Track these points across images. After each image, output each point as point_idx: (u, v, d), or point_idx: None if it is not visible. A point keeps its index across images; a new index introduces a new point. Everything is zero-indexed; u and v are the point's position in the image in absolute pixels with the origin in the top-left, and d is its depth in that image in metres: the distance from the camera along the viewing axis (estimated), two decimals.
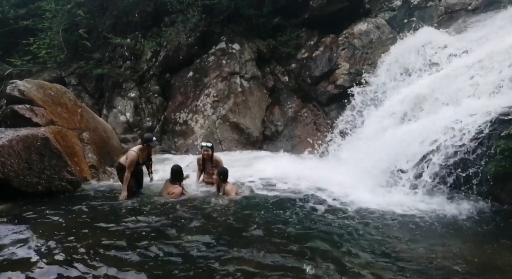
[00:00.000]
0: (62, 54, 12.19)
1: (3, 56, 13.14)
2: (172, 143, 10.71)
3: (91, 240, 4.16)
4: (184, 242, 4.13)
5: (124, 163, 5.98)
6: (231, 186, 6.04)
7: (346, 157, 7.67)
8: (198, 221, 4.84)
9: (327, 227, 4.69)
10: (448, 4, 10.00)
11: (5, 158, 5.40)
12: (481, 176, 5.51)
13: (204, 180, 6.63)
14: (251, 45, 11.42)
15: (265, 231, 4.48)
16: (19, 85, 6.71)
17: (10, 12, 13.36)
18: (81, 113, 7.59)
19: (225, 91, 10.64)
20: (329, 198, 5.84)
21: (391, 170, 6.24)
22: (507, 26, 7.76)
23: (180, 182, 6.02)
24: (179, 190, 5.90)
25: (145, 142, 6.11)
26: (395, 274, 3.49)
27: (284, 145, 10.17)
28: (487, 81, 6.39)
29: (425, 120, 6.65)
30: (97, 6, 12.92)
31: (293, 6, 11.44)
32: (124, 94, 11.58)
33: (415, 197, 5.73)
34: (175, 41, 11.37)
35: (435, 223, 4.83)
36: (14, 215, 4.93)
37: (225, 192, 5.94)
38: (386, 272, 3.53)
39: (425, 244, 4.22)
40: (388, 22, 10.73)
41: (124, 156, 6.13)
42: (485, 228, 4.71)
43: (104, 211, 5.24)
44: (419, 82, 7.68)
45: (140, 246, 4.01)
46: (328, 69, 10.61)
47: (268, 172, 7.43)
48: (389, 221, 4.96)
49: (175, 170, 6.02)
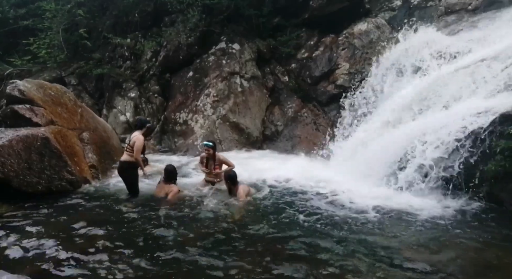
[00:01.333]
0: (62, 54, 12.17)
1: (3, 56, 13.13)
2: (172, 143, 10.70)
3: (91, 240, 4.16)
4: (184, 244, 4.13)
5: (130, 159, 5.82)
6: (242, 188, 5.88)
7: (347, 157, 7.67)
8: (197, 222, 4.84)
9: (328, 227, 4.69)
10: (448, 4, 10.00)
11: (5, 158, 5.40)
12: (481, 176, 5.51)
13: (205, 179, 6.61)
14: (251, 45, 11.41)
15: (264, 232, 4.47)
16: (19, 85, 6.71)
17: (10, 12, 13.34)
18: (81, 113, 7.59)
19: (225, 91, 10.63)
20: (332, 199, 5.84)
21: (391, 170, 6.24)
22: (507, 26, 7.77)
23: (175, 182, 5.99)
24: (176, 189, 5.88)
25: (143, 126, 5.97)
26: (395, 274, 3.49)
27: (284, 145, 10.17)
28: (488, 81, 6.39)
29: (424, 119, 6.65)
30: (97, 6, 12.90)
31: (293, 6, 11.43)
32: (124, 94, 11.57)
33: (416, 197, 5.73)
34: (175, 41, 11.36)
35: (435, 223, 4.83)
36: (14, 215, 4.93)
37: (236, 195, 5.84)
38: (386, 272, 3.53)
39: (424, 244, 4.22)
40: (388, 22, 10.72)
41: (125, 155, 5.98)
42: (485, 228, 4.70)
43: (104, 211, 5.24)
44: (419, 81, 7.68)
45: (140, 247, 4.01)
46: (328, 69, 10.60)
47: (273, 172, 7.41)
48: (389, 221, 4.96)
49: (169, 170, 5.99)
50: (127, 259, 3.72)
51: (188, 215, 5.10)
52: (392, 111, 7.51)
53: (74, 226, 4.56)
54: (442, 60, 7.91)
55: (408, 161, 6.08)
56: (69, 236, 4.23)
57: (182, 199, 5.80)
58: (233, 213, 5.18)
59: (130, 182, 5.98)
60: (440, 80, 7.17)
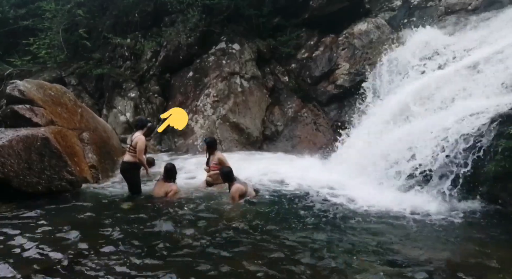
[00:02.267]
0: (62, 54, 12.17)
1: (3, 56, 13.13)
2: (172, 143, 10.70)
3: (90, 240, 4.15)
4: (184, 244, 4.13)
5: (132, 160, 5.81)
6: (236, 187, 5.63)
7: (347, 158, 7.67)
8: (196, 223, 4.83)
9: (329, 227, 4.69)
10: (448, 4, 9.99)
11: (5, 158, 5.40)
12: (481, 176, 5.51)
13: (206, 180, 6.58)
14: (251, 45, 11.41)
15: (265, 232, 4.47)
16: (19, 85, 6.71)
17: (10, 12, 13.34)
18: (81, 113, 7.59)
19: (225, 91, 10.63)
20: (333, 199, 5.84)
21: (392, 170, 6.24)
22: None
23: (174, 180, 5.97)
24: (176, 187, 5.88)
25: (144, 126, 5.95)
26: (395, 274, 3.49)
27: (284, 145, 10.17)
28: (488, 81, 6.39)
29: (425, 120, 6.65)
30: (97, 6, 12.90)
31: (293, 6, 11.43)
32: (124, 94, 11.57)
33: (416, 197, 5.73)
34: (175, 41, 11.36)
35: (435, 223, 4.83)
36: (14, 215, 4.93)
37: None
38: (387, 271, 3.53)
39: (424, 244, 4.22)
40: (388, 22, 10.72)
41: (127, 155, 5.94)
42: (485, 229, 4.70)
43: (104, 211, 5.23)
44: (419, 81, 7.68)
45: (140, 246, 4.00)
46: (328, 69, 10.60)
47: (272, 172, 7.41)
48: (389, 221, 4.96)
49: (169, 168, 5.96)
50: (127, 259, 3.71)
51: (188, 215, 5.10)
52: (391, 111, 7.51)
53: (74, 226, 4.55)
54: (441, 60, 7.92)
55: (409, 161, 6.08)
56: (69, 236, 4.22)
57: (181, 199, 5.79)
58: (223, 215, 5.12)
59: (132, 183, 5.99)
60: (440, 80, 7.17)
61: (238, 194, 5.60)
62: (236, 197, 5.57)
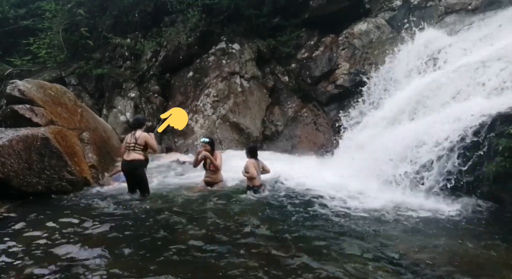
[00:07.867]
0: (62, 54, 12.19)
1: (3, 56, 13.14)
2: (172, 143, 10.71)
3: (90, 240, 4.15)
4: (184, 245, 4.12)
5: (140, 158, 5.73)
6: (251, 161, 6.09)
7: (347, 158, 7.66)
8: (196, 222, 4.84)
9: (329, 228, 4.69)
10: (448, 4, 10.00)
11: (5, 158, 5.39)
12: (482, 176, 5.51)
13: (204, 179, 6.58)
14: (251, 45, 11.41)
15: (265, 231, 4.47)
16: (19, 85, 6.70)
17: (10, 12, 13.35)
18: (81, 113, 7.58)
19: (225, 91, 10.64)
20: (333, 198, 5.83)
21: (392, 170, 6.23)
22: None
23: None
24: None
25: (142, 124, 5.93)
26: (395, 274, 3.49)
27: (284, 145, 10.17)
28: (488, 81, 6.39)
29: (425, 120, 6.65)
30: (97, 6, 12.92)
31: (293, 6, 11.44)
32: (124, 94, 11.57)
33: (416, 197, 5.73)
34: (175, 41, 11.37)
35: (436, 223, 4.83)
36: (14, 215, 4.93)
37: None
38: (387, 271, 3.53)
39: (425, 244, 4.21)
40: (388, 22, 10.73)
41: (133, 154, 5.77)
42: (485, 229, 4.70)
43: (104, 211, 5.23)
44: (419, 81, 7.68)
45: (140, 246, 4.00)
46: (328, 69, 10.60)
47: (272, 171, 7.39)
48: (389, 220, 4.96)
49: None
50: (127, 259, 3.71)
51: (188, 215, 5.09)
52: (391, 111, 7.51)
53: (73, 226, 4.55)
54: (440, 60, 7.92)
55: (410, 161, 6.08)
56: (69, 236, 4.22)
57: (183, 198, 5.79)
58: (223, 215, 5.11)
59: (141, 181, 5.88)
60: (440, 80, 7.17)
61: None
62: (250, 167, 6.01)
